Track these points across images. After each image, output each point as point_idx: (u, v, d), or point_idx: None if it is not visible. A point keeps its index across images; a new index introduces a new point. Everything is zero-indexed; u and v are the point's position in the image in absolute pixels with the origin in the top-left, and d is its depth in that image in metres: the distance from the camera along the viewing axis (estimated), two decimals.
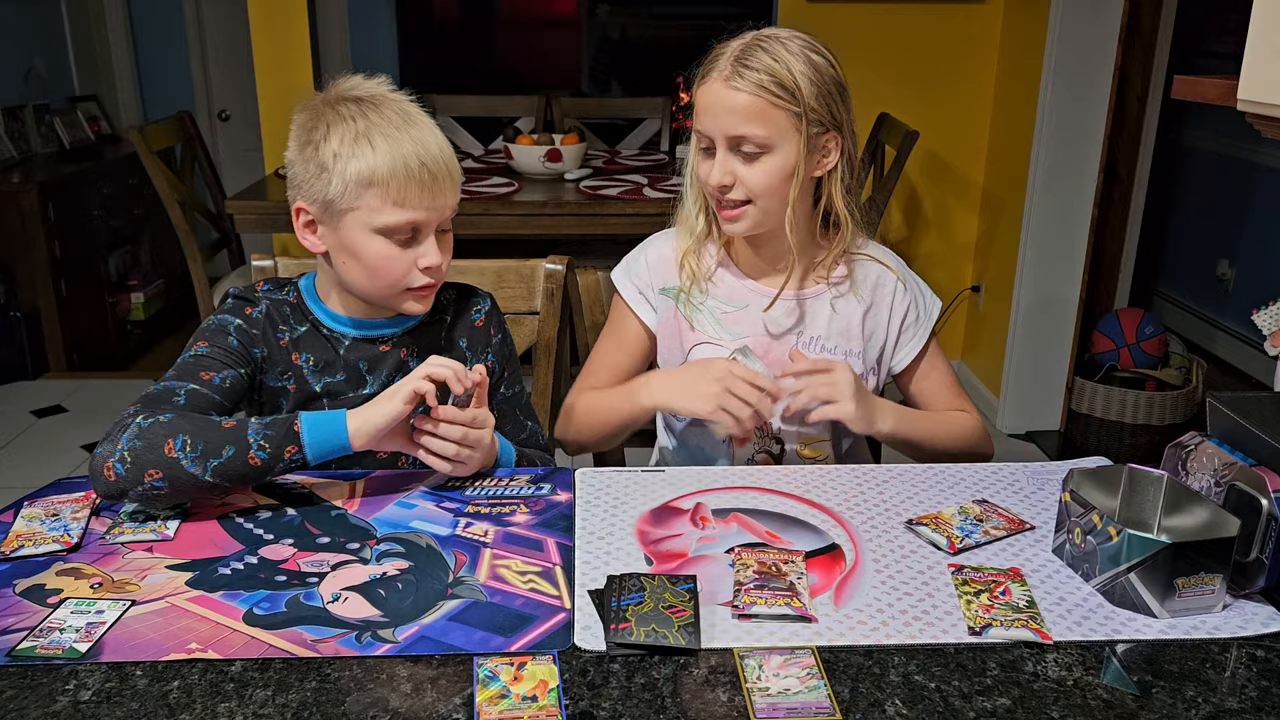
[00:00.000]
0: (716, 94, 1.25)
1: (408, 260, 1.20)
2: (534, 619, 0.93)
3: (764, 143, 1.25)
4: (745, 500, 1.17)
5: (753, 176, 1.26)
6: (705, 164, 1.30)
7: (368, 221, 1.17)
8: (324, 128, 1.17)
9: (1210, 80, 1.09)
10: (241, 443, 1.07)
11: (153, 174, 2.96)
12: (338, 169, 1.16)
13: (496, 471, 1.23)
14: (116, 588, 0.97)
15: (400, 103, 1.21)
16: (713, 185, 1.28)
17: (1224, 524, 0.95)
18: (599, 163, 3.34)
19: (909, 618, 0.94)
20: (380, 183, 1.15)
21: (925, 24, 3.43)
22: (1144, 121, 3.60)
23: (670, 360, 1.41)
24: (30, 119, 4.11)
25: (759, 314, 1.37)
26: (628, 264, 1.46)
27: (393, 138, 1.16)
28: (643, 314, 1.42)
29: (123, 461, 1.05)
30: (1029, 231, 3.21)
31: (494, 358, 1.35)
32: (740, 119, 1.24)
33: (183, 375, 1.18)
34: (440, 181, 1.18)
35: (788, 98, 1.23)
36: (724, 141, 1.26)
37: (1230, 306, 3.91)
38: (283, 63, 3.27)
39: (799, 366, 1.27)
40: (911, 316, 1.41)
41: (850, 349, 1.37)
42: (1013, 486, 1.21)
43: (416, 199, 1.17)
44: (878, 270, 1.40)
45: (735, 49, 1.25)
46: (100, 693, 0.82)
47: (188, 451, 1.06)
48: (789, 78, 1.23)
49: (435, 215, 1.20)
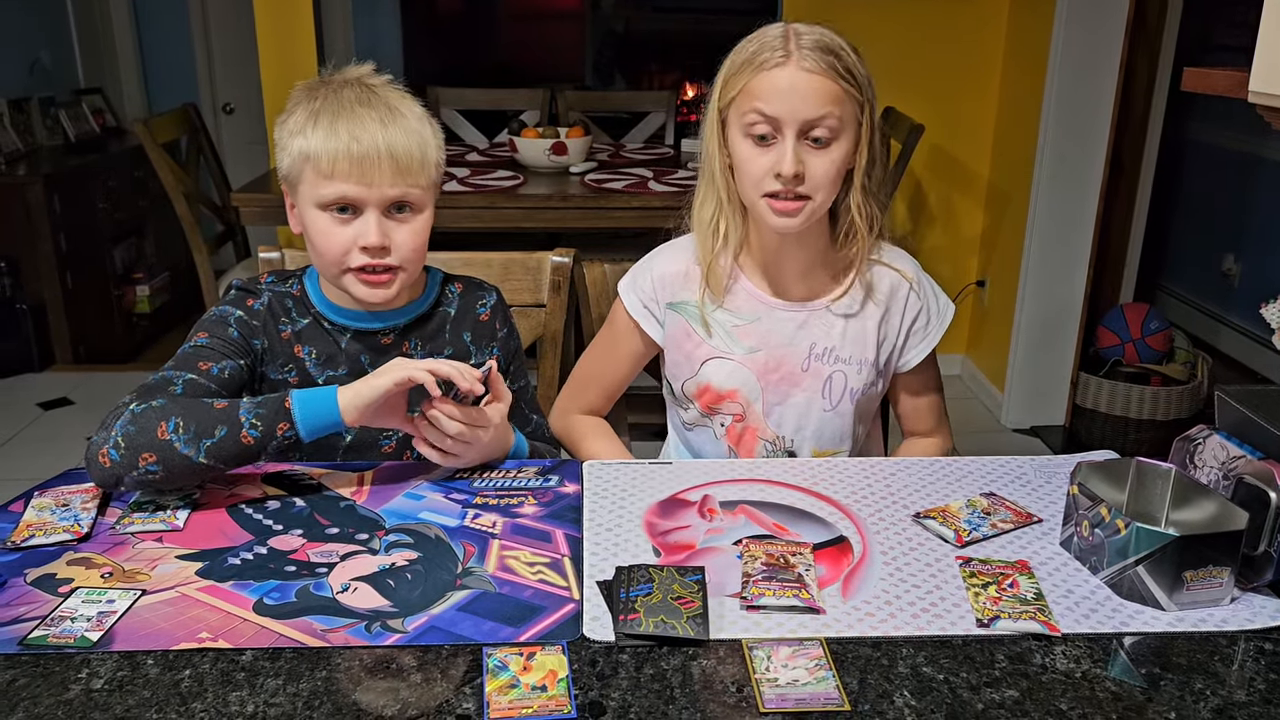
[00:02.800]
0: (790, 77, 1.18)
1: (346, 237, 1.19)
2: (543, 609, 0.93)
3: (836, 128, 1.20)
4: (753, 492, 1.17)
5: (821, 166, 1.20)
6: (764, 156, 1.21)
7: (310, 195, 1.19)
8: (294, 108, 1.21)
9: (1220, 72, 1.08)
10: (234, 422, 1.07)
11: (158, 166, 2.96)
12: (289, 145, 1.19)
13: (504, 464, 1.24)
14: (127, 577, 0.97)
15: (373, 86, 1.21)
16: (787, 175, 1.19)
17: (1232, 517, 0.96)
18: (604, 156, 3.34)
19: (917, 610, 0.94)
20: (314, 155, 1.17)
21: (930, 17, 3.42)
22: (1150, 115, 3.59)
23: (679, 373, 1.38)
24: (35, 111, 4.11)
25: (772, 324, 1.34)
26: (634, 276, 1.41)
27: (339, 115, 1.17)
28: (648, 328, 1.39)
29: (116, 447, 1.05)
30: (1034, 226, 3.21)
31: (499, 352, 1.34)
32: (818, 102, 1.18)
33: (181, 365, 1.18)
34: (373, 159, 1.17)
35: (853, 82, 1.20)
36: (795, 127, 1.19)
37: (1235, 301, 3.90)
38: (287, 55, 3.27)
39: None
40: (921, 321, 1.37)
41: (865, 358, 1.35)
42: (1020, 479, 1.21)
43: (345, 172, 1.17)
44: (893, 276, 1.35)
45: (785, 35, 1.20)
46: (112, 681, 0.82)
47: (180, 434, 1.06)
48: (851, 60, 1.20)
49: (372, 194, 1.18)
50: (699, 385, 1.36)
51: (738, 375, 1.34)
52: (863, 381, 1.34)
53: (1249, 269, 3.86)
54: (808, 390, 1.34)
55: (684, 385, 1.38)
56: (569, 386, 1.47)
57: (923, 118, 2.96)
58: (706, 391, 1.36)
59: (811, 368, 1.34)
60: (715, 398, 1.35)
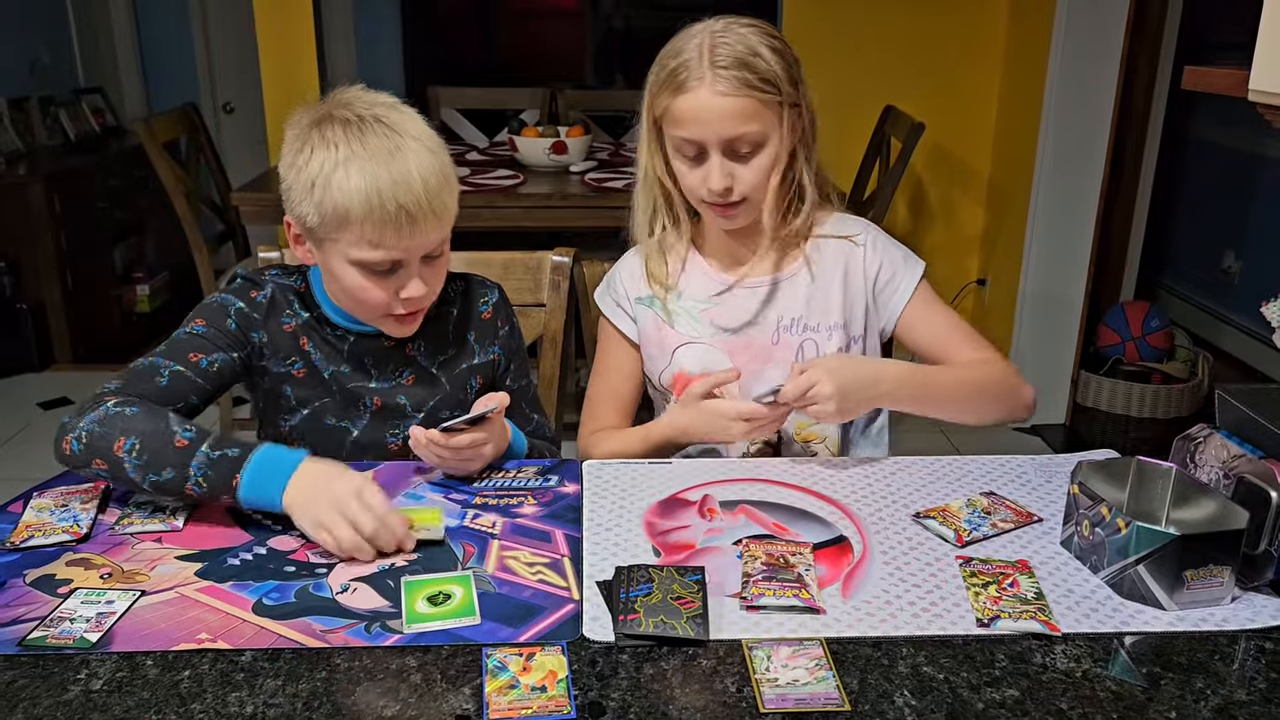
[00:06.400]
0: (704, 102, 1.21)
1: (389, 290, 1.17)
2: (543, 610, 0.93)
3: (759, 139, 1.24)
4: (753, 492, 1.17)
5: (749, 175, 1.26)
6: (695, 172, 1.27)
7: (345, 253, 1.15)
8: (308, 151, 1.13)
9: (1220, 71, 1.08)
10: (182, 470, 1.04)
11: (158, 166, 2.96)
12: (315, 198, 1.12)
13: (504, 464, 1.23)
14: (126, 578, 0.97)
15: (392, 125, 1.14)
16: (715, 190, 1.25)
17: (1233, 516, 0.95)
18: (604, 155, 3.33)
19: (917, 609, 0.94)
20: (355, 222, 1.11)
21: (931, 15, 3.42)
22: (1150, 113, 3.59)
23: (655, 367, 1.40)
24: (35, 111, 4.11)
25: (735, 303, 1.36)
26: (607, 280, 1.46)
27: (371, 173, 1.10)
28: (624, 328, 1.42)
29: (79, 440, 1.07)
30: (1034, 224, 3.20)
31: (500, 350, 1.35)
32: (735, 121, 1.22)
33: (172, 354, 1.18)
34: (419, 222, 1.12)
35: (770, 88, 1.23)
36: (718, 147, 1.24)
37: (1236, 299, 3.89)
38: (287, 55, 3.27)
39: (786, 390, 1.20)
40: (886, 274, 1.36)
41: (832, 323, 1.35)
42: (1020, 479, 1.21)
43: (393, 240, 1.12)
44: (847, 232, 1.37)
45: (700, 50, 1.22)
46: (111, 682, 0.82)
47: (133, 456, 1.05)
48: (766, 67, 1.22)
49: (416, 252, 1.16)
50: (674, 374, 1.38)
51: (709, 357, 1.35)
52: (835, 347, 1.34)
53: (1250, 267, 3.85)
54: (781, 364, 1.34)
55: (660, 376, 1.39)
56: (584, 413, 1.46)
57: (923, 116, 2.96)
58: (681, 378, 1.37)
59: (781, 340, 1.35)
60: (690, 383, 1.35)
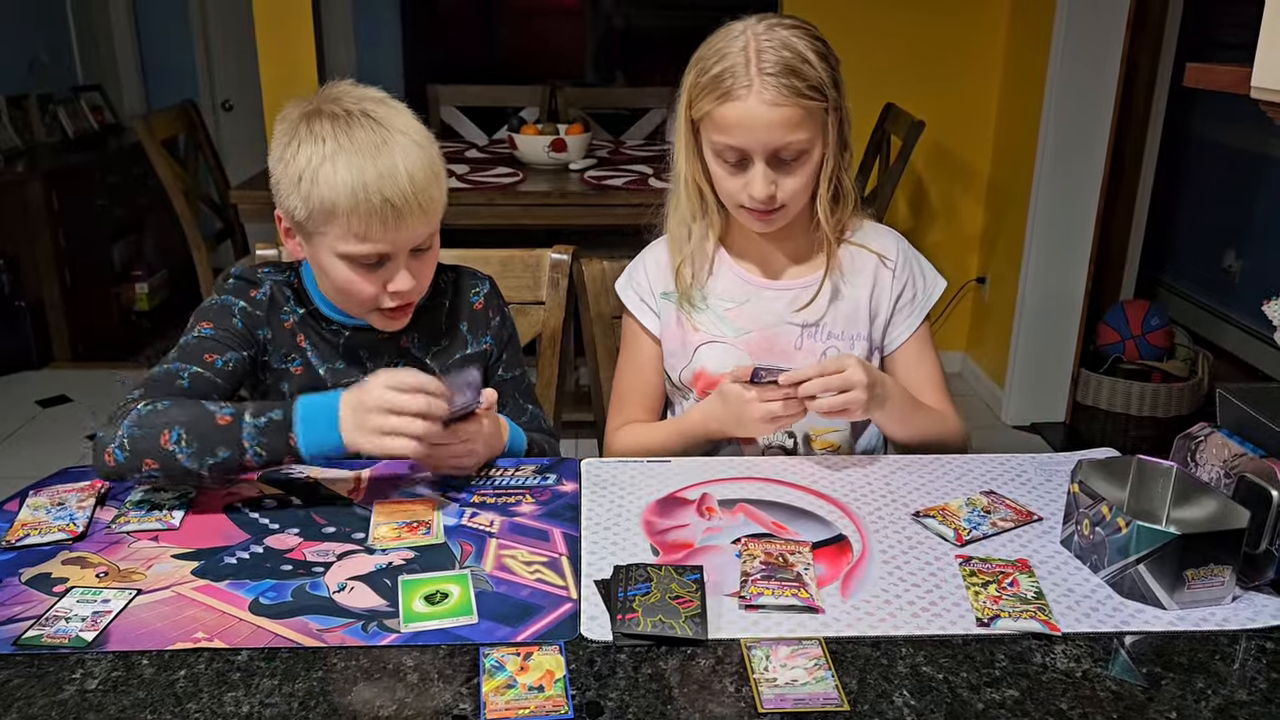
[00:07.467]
0: (751, 110, 1.19)
1: (377, 283, 1.17)
2: (540, 609, 0.92)
3: (805, 146, 1.23)
4: (751, 491, 1.16)
5: (793, 182, 1.24)
6: (735, 178, 1.25)
7: (333, 247, 1.15)
8: (296, 145, 1.13)
9: (1222, 68, 1.08)
10: (237, 446, 1.05)
11: (157, 164, 2.96)
12: (303, 192, 1.13)
13: (502, 462, 1.23)
14: (122, 577, 0.97)
15: (380, 119, 1.14)
16: (758, 199, 1.24)
17: (1233, 515, 0.95)
18: (603, 153, 3.33)
19: (916, 609, 0.93)
20: (342, 215, 1.11)
21: (931, 13, 3.41)
22: (1151, 111, 3.58)
23: (676, 364, 1.39)
24: (34, 109, 4.10)
25: (762, 305, 1.36)
26: (629, 274, 1.45)
27: (357, 167, 1.10)
28: (647, 322, 1.41)
29: (122, 448, 1.05)
30: (1035, 223, 3.20)
31: (493, 340, 1.35)
32: (783, 131, 1.20)
33: (186, 357, 1.18)
34: (406, 216, 1.13)
35: (817, 95, 1.21)
36: (763, 155, 1.22)
37: (1237, 298, 3.89)
38: (286, 52, 3.26)
39: (809, 375, 1.18)
40: (908, 295, 1.38)
41: (858, 332, 1.36)
42: (1020, 478, 1.21)
43: (379, 233, 1.13)
44: (880, 246, 1.38)
45: (746, 55, 1.20)
46: (107, 682, 0.82)
47: (183, 445, 1.05)
48: (813, 74, 1.20)
49: (403, 245, 1.16)
50: (694, 371, 1.37)
51: (731, 357, 1.34)
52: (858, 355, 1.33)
53: (1250, 265, 3.85)
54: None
55: (680, 374, 1.39)
56: (611, 407, 1.46)
57: (923, 114, 2.95)
58: (701, 376, 1.37)
59: (804, 345, 1.35)
60: (710, 382, 1.35)
